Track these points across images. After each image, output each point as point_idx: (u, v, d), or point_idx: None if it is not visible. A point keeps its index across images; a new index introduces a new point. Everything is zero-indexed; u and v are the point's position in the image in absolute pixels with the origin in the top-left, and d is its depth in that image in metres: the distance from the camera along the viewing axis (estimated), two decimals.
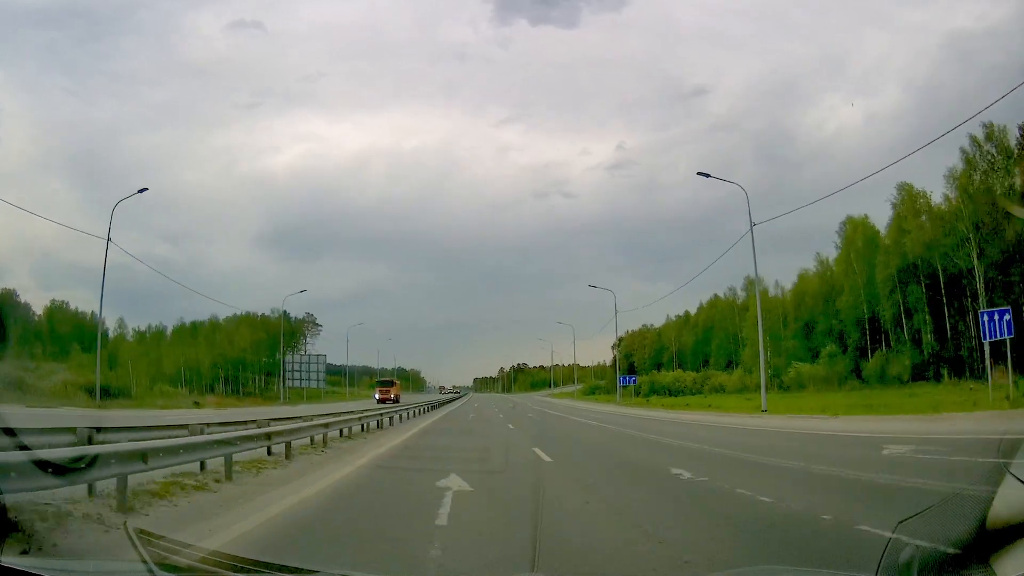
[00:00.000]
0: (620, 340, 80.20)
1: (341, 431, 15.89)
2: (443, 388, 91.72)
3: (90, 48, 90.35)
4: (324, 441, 13.74)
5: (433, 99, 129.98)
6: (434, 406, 41.34)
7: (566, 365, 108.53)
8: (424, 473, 9.52)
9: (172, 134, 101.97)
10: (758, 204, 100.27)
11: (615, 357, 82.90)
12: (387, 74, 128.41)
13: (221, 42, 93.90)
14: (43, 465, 4.59)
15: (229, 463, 8.41)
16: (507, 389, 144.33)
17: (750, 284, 52.68)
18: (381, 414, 21.55)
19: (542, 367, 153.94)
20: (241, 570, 3.09)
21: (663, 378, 63.99)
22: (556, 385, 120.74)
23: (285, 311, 68.06)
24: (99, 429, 8.05)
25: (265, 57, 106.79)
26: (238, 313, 71.21)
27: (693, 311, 72.39)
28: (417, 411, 31.29)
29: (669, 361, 73.37)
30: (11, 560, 2.44)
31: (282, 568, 3.26)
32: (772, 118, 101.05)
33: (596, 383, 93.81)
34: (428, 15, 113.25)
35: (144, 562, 2.65)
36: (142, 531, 3.01)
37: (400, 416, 25.76)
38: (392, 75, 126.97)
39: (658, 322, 79.62)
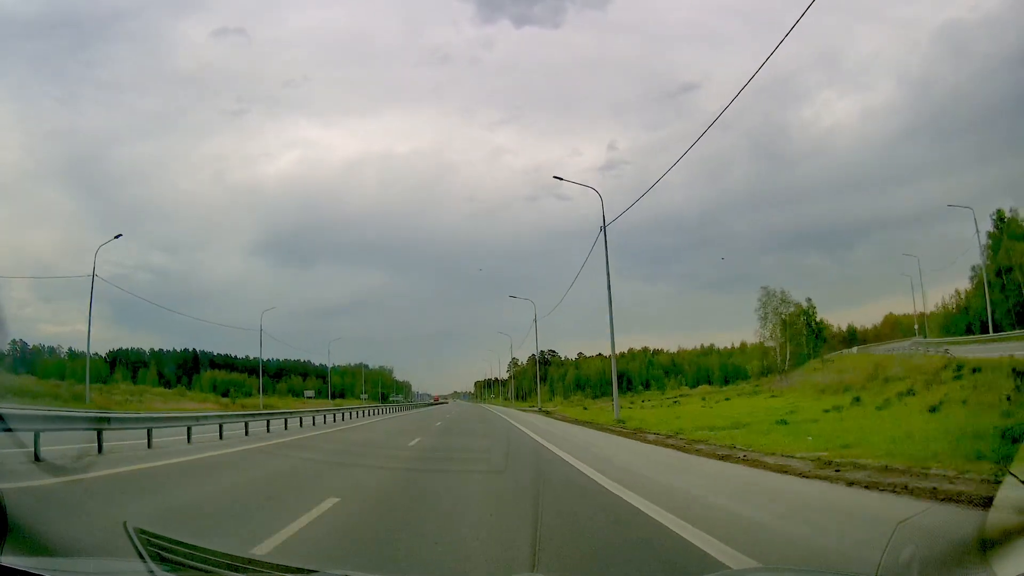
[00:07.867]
0: None
1: None
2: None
3: (79, 57, 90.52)
4: None
5: (423, 103, 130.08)
6: None
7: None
8: None
9: (164, 142, 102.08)
10: (755, 202, 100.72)
11: None
12: (375, 78, 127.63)
13: (209, 49, 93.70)
14: None
15: None
16: (523, 395, 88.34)
17: None
18: None
19: (633, 352, 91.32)
20: (240, 570, 3.08)
21: None
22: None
23: None
24: None
25: (252, 63, 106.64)
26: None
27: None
28: None
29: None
30: (11, 560, 2.43)
31: (282, 568, 3.26)
32: (766, 115, 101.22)
33: None
34: (411, 16, 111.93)
35: (144, 562, 2.66)
36: (142, 531, 3.00)
37: None
38: (380, 79, 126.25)
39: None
